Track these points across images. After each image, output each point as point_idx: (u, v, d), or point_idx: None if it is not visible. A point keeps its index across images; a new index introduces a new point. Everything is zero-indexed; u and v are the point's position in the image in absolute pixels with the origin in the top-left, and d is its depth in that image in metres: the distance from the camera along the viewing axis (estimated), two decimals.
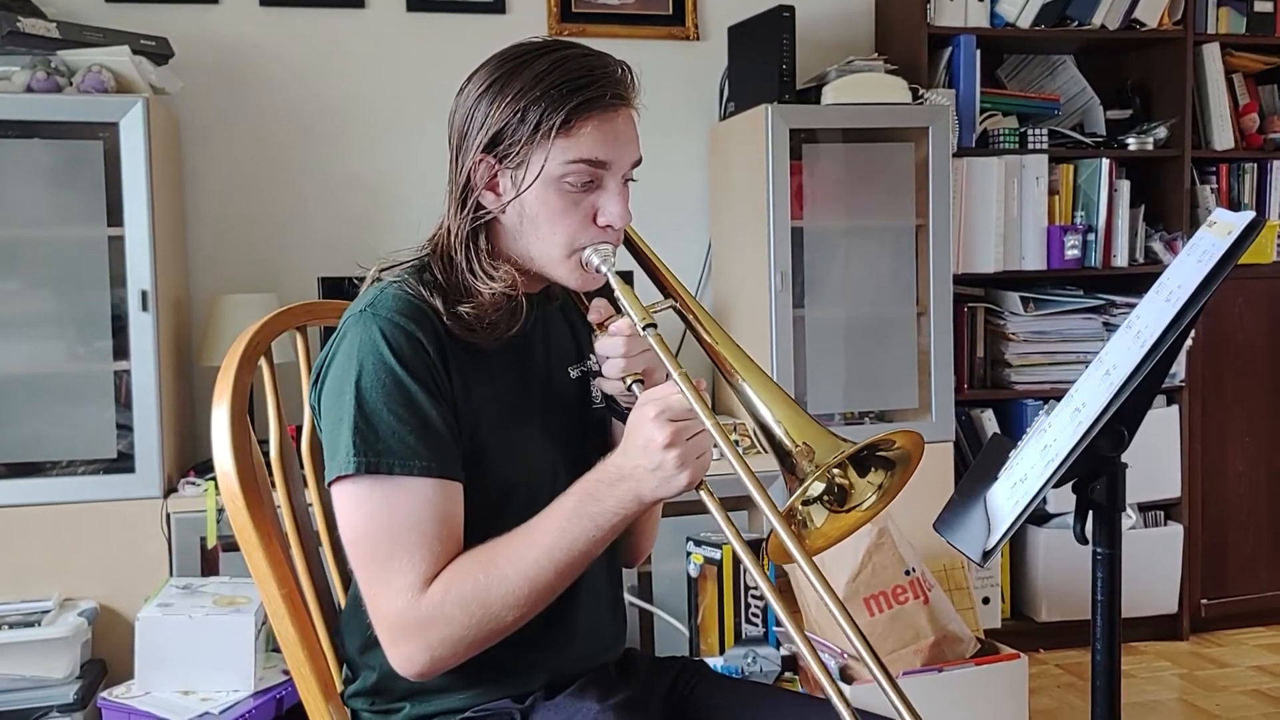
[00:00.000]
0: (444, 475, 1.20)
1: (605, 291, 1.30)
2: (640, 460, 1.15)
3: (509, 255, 1.30)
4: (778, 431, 1.19)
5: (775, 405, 1.20)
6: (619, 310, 1.28)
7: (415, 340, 1.21)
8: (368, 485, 1.18)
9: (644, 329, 1.23)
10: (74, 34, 2.69)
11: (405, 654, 1.18)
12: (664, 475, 1.14)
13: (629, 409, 1.35)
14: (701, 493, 1.17)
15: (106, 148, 2.66)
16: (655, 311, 1.26)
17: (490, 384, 1.28)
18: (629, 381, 1.27)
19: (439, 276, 1.27)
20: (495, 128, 1.23)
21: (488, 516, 1.25)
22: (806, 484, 1.14)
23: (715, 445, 1.16)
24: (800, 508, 1.20)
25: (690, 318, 1.31)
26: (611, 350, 1.28)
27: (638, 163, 1.29)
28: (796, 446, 1.16)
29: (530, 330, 1.33)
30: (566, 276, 1.29)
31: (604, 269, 1.26)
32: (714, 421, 1.14)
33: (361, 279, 1.34)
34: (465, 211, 1.27)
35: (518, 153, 1.23)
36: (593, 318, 1.31)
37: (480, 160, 1.25)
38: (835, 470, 1.20)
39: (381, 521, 1.18)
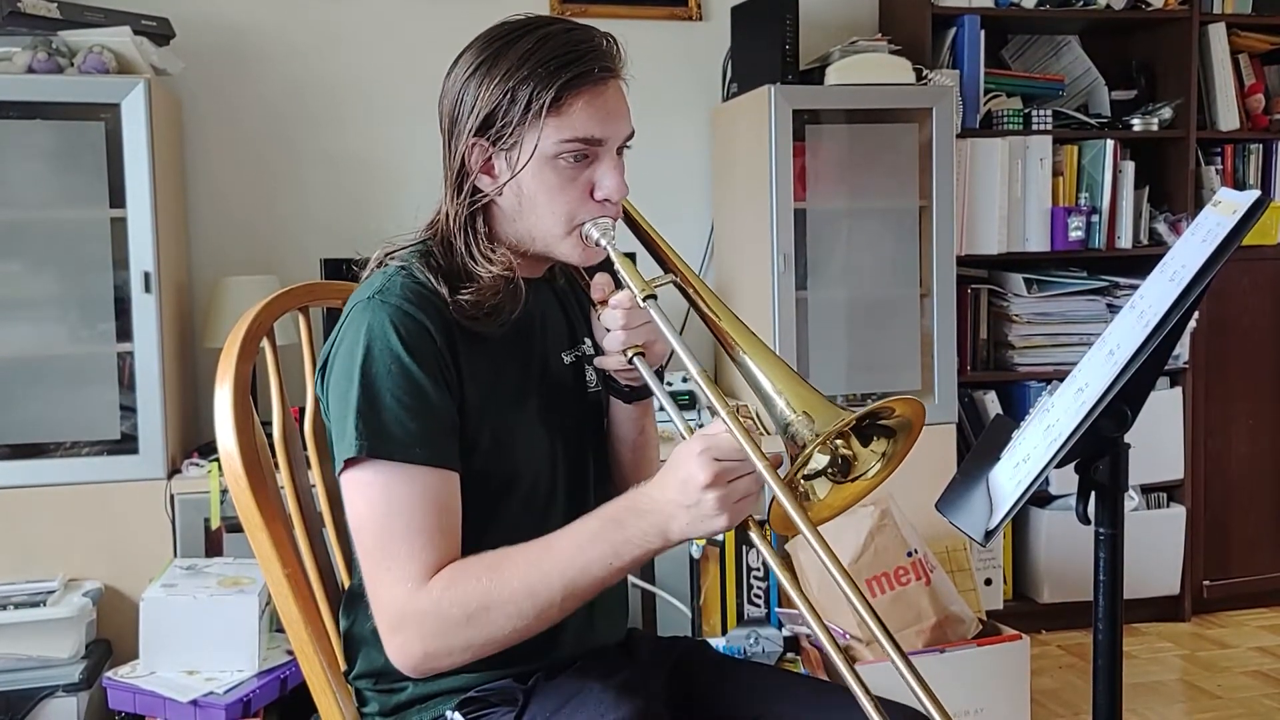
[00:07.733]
0: (443, 465, 1.19)
1: (605, 266, 1.30)
2: (676, 496, 1.10)
3: (508, 237, 1.29)
4: (779, 402, 1.17)
5: (776, 376, 1.19)
6: (619, 284, 1.27)
7: (423, 328, 1.21)
8: (371, 471, 1.17)
9: (644, 300, 1.23)
10: (75, 14, 2.68)
11: (400, 644, 1.17)
12: (698, 515, 1.09)
13: (629, 386, 1.35)
14: (752, 533, 1.13)
15: (108, 129, 2.65)
16: (656, 287, 1.25)
17: (494, 371, 1.28)
18: (629, 354, 1.27)
19: (441, 262, 1.27)
20: (486, 110, 1.22)
21: (489, 504, 1.25)
22: (808, 451, 1.13)
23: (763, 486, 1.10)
24: (802, 481, 1.19)
25: (691, 292, 1.30)
26: (611, 323, 1.27)
27: (631, 134, 1.28)
28: (797, 415, 1.15)
29: (530, 315, 1.33)
30: (569, 253, 1.28)
31: (604, 243, 1.26)
32: (765, 462, 1.08)
33: (360, 262, 1.33)
34: (462, 196, 1.27)
35: (510, 134, 1.22)
36: (595, 295, 1.31)
37: (473, 144, 1.25)
38: (838, 440, 1.19)
39: (382, 509, 1.17)
